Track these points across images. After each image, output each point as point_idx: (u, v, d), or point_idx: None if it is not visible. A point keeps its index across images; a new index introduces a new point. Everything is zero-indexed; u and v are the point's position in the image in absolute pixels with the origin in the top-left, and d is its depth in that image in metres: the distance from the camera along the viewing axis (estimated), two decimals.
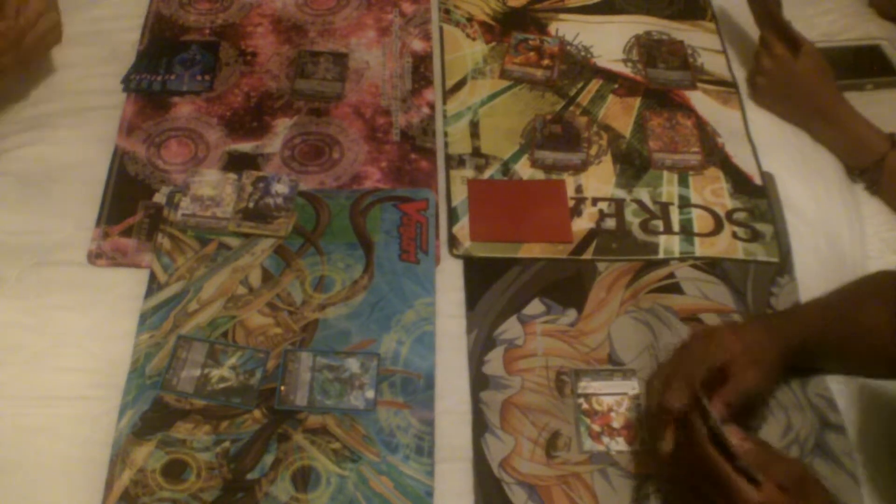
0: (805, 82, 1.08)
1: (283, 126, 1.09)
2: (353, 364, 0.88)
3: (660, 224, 1.02)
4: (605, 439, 0.86)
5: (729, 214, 1.03)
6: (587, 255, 0.99)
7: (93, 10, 1.20)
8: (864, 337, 0.84)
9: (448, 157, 1.07)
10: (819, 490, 0.72)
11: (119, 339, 0.90)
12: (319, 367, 0.88)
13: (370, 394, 0.86)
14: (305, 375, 0.87)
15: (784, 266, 0.99)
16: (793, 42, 1.08)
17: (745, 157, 1.09)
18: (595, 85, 1.16)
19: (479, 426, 0.86)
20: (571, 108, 1.13)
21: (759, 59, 1.12)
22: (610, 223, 1.02)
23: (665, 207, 1.04)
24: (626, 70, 1.18)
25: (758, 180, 1.07)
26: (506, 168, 1.07)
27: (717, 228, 1.02)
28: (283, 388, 0.86)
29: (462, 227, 1.01)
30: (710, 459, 0.71)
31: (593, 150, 1.09)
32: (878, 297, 0.86)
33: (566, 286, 0.97)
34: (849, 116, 1.06)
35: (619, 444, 0.86)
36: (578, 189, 1.05)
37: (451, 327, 0.93)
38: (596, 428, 0.87)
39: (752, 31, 1.24)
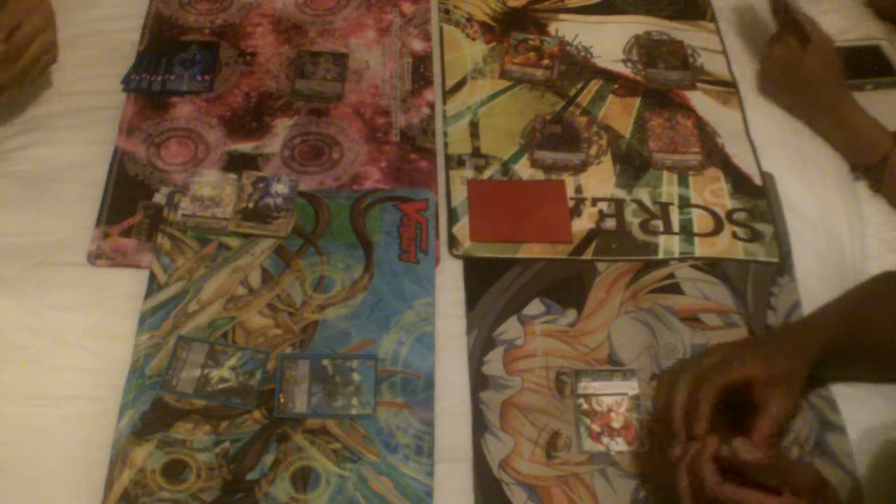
0: (813, 75, 1.08)
1: (282, 126, 1.09)
2: (351, 371, 0.88)
3: (660, 224, 1.02)
4: (605, 439, 0.86)
5: (729, 214, 1.03)
6: (587, 256, 0.99)
7: (93, 10, 1.20)
8: (872, 341, 0.84)
9: (448, 158, 1.07)
10: (834, 497, 0.72)
11: (119, 339, 0.90)
12: (318, 374, 0.88)
13: (370, 400, 0.86)
14: (304, 383, 0.87)
15: (784, 266, 0.99)
16: (804, 33, 1.08)
17: (745, 157, 1.09)
18: (595, 85, 1.16)
19: (479, 426, 0.86)
20: (571, 108, 1.13)
21: (772, 48, 1.12)
22: (610, 223, 1.02)
23: (665, 207, 1.04)
24: (625, 70, 1.18)
25: (758, 180, 1.07)
26: (505, 168, 1.07)
27: (717, 228, 1.02)
28: (281, 397, 0.86)
29: (462, 228, 1.01)
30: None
31: (593, 151, 1.09)
32: (882, 299, 0.86)
33: (566, 286, 0.97)
34: (854, 113, 1.07)
35: (618, 445, 0.86)
36: (578, 189, 1.05)
37: (451, 327, 0.93)
38: (596, 428, 0.87)
39: (752, 31, 1.24)
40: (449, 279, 0.97)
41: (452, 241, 1.00)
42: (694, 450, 0.73)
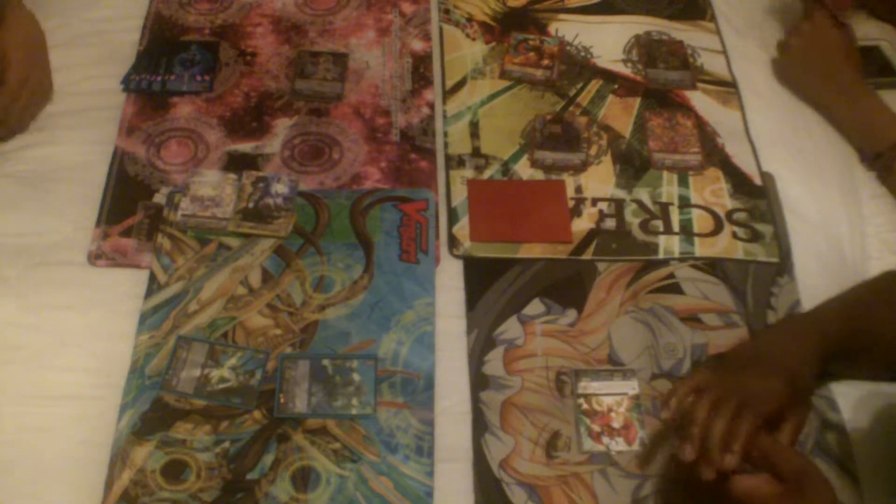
0: (834, 55, 1.10)
1: (282, 126, 1.09)
2: (351, 371, 0.88)
3: (660, 224, 1.02)
4: (605, 439, 0.86)
5: (729, 215, 1.03)
6: (587, 256, 0.99)
7: (92, 10, 1.20)
8: (872, 339, 0.84)
9: (448, 158, 1.07)
10: (822, 487, 0.72)
11: (119, 339, 0.90)
12: (318, 374, 0.88)
13: (370, 400, 0.86)
14: (304, 383, 0.87)
15: (784, 266, 0.99)
16: (834, 16, 1.10)
17: (745, 157, 1.09)
18: (595, 85, 1.16)
19: (479, 426, 0.86)
20: (571, 108, 1.13)
21: (798, 25, 1.13)
22: (610, 223, 1.02)
23: (665, 207, 1.04)
24: (625, 70, 1.18)
25: (758, 180, 1.07)
26: (506, 168, 1.07)
27: (717, 229, 1.02)
28: (282, 397, 0.86)
29: (462, 228, 1.01)
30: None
31: (593, 151, 1.09)
32: (883, 298, 0.86)
33: (566, 286, 0.97)
34: (869, 98, 1.08)
35: (618, 445, 0.86)
36: (578, 189, 1.05)
37: (451, 327, 0.93)
38: (596, 428, 0.87)
39: (752, 31, 1.24)
40: (449, 279, 0.97)
41: (452, 241, 1.00)
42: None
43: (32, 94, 1.04)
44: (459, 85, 1.15)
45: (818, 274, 0.98)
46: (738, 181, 1.07)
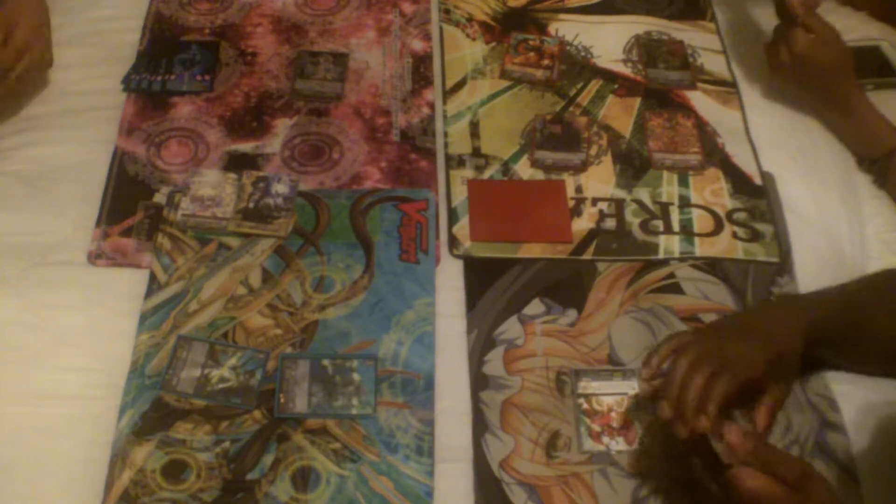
0: (823, 71, 1.08)
1: (283, 126, 1.09)
2: (351, 371, 0.88)
3: (660, 224, 1.02)
4: (605, 439, 0.86)
5: (729, 214, 1.03)
6: (587, 256, 0.99)
7: (93, 10, 1.20)
8: (869, 333, 0.84)
9: (448, 158, 1.07)
10: (823, 489, 0.72)
11: (119, 339, 0.90)
12: (318, 374, 0.88)
13: (370, 400, 0.86)
14: (304, 383, 0.87)
15: (784, 266, 0.99)
16: (809, 27, 1.06)
17: (745, 157, 1.09)
18: (595, 85, 1.16)
19: (479, 426, 0.86)
20: (571, 108, 1.13)
21: (779, 41, 1.10)
22: (610, 223, 1.02)
23: (665, 207, 1.04)
24: (626, 70, 1.18)
25: (758, 180, 1.07)
26: (506, 168, 1.07)
27: (717, 228, 1.02)
28: (282, 396, 0.86)
29: (462, 228, 1.01)
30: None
31: (593, 151, 1.09)
32: (879, 293, 0.86)
33: (566, 286, 0.97)
34: (863, 107, 1.07)
35: (619, 444, 0.86)
36: (578, 189, 1.05)
37: (451, 327, 0.93)
38: (596, 428, 0.87)
39: (752, 30, 1.24)
40: (449, 279, 0.97)
41: (452, 241, 1.00)
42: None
43: (33, 60, 1.04)
44: (459, 85, 1.15)
45: (818, 274, 0.98)
46: (738, 181, 1.07)
